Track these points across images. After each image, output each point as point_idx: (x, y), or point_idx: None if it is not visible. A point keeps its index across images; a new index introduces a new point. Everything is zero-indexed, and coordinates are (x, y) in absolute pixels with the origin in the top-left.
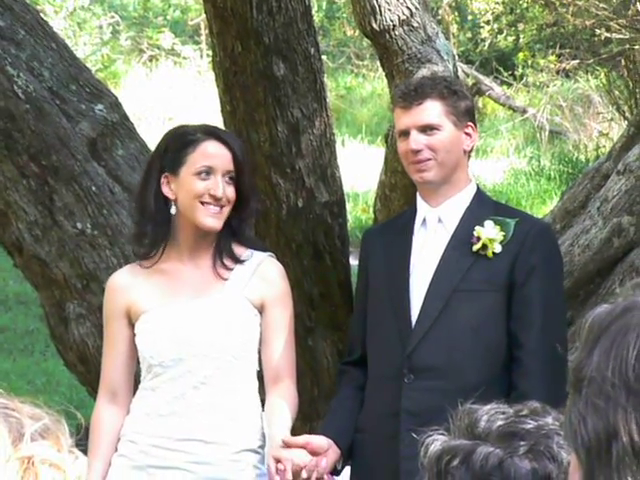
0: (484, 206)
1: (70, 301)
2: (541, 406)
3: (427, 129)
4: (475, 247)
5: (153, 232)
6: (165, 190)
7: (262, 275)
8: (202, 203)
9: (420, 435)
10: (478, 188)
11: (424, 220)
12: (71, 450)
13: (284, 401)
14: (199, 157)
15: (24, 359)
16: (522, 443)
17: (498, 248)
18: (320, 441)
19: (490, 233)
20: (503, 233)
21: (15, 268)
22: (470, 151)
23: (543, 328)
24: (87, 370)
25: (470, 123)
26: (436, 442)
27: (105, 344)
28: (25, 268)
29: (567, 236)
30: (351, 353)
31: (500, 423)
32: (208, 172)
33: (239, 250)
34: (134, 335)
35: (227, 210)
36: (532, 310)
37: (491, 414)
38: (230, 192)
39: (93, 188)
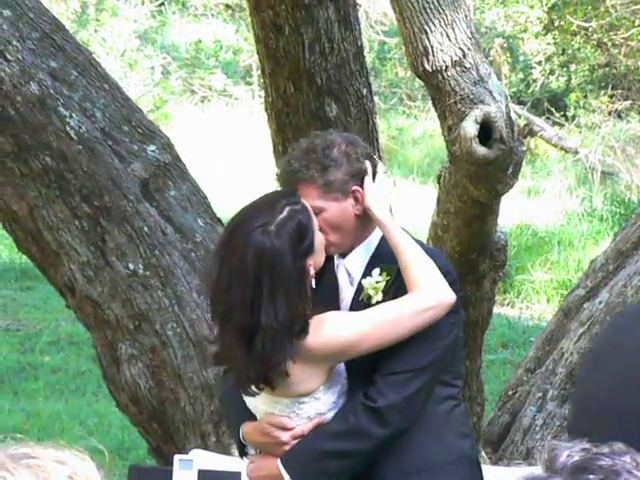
0: (390, 248)
1: (122, 342)
2: (625, 447)
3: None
4: (360, 298)
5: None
6: (311, 272)
7: None
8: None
9: None
10: None
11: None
12: None
13: None
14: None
15: (76, 400)
16: (591, 477)
17: (380, 296)
18: None
19: (373, 282)
20: (388, 278)
21: (67, 309)
22: (364, 211)
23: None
24: (139, 411)
25: (355, 187)
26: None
27: None
28: (77, 309)
29: (620, 277)
30: None
31: (576, 458)
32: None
33: None
34: None
35: None
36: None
37: (572, 450)
38: None
39: (145, 229)
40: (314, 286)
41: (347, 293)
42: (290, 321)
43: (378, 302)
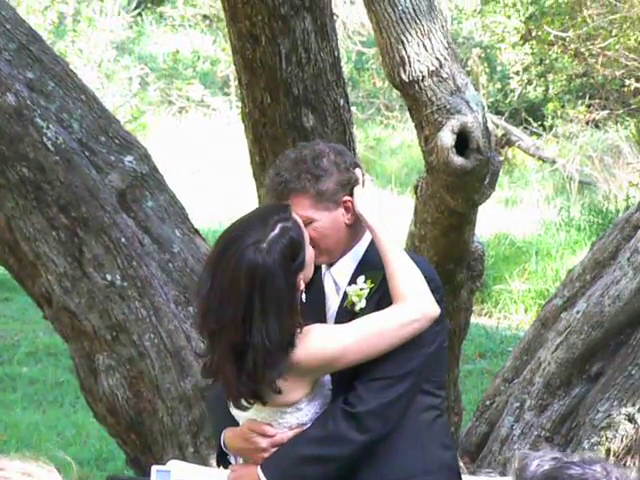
0: (376, 255)
1: (100, 353)
2: (595, 456)
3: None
4: (346, 304)
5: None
6: (301, 287)
7: None
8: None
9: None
10: None
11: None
12: None
13: None
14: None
15: (54, 411)
16: None
17: (363, 303)
18: None
19: (357, 289)
20: (372, 285)
21: (44, 320)
22: (354, 220)
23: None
24: (117, 422)
25: (345, 196)
26: None
27: None
28: (55, 320)
29: (597, 287)
30: None
31: (546, 467)
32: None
33: None
34: None
35: None
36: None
37: (543, 459)
38: None
39: (122, 240)
40: (304, 300)
41: (333, 302)
42: (281, 338)
43: (362, 309)
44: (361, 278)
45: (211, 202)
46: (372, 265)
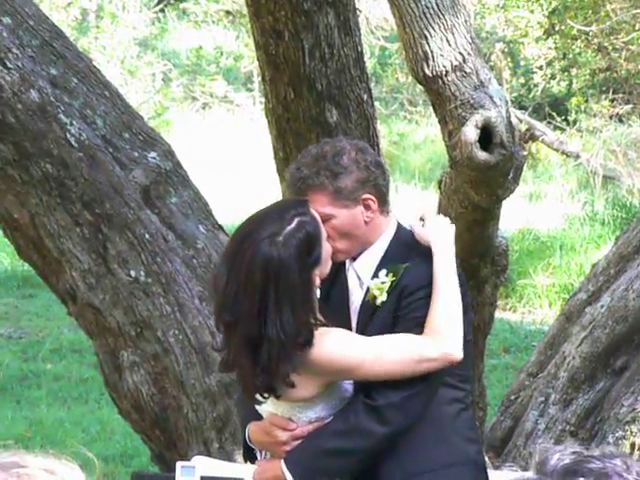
0: (399, 249)
1: (124, 349)
2: (615, 450)
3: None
4: (367, 298)
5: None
6: (317, 282)
7: None
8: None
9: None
10: (398, 228)
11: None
12: None
13: None
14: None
15: (79, 407)
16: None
17: (384, 297)
18: None
19: (378, 283)
20: (393, 279)
21: (69, 316)
22: (372, 217)
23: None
24: (141, 418)
25: (365, 194)
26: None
27: None
28: (79, 316)
29: (621, 281)
30: None
31: (567, 461)
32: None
33: None
34: None
35: None
36: None
37: (563, 453)
38: None
39: (146, 236)
40: (319, 296)
41: (357, 296)
42: (296, 332)
43: (383, 302)
44: (383, 272)
45: (235, 198)
46: (395, 259)
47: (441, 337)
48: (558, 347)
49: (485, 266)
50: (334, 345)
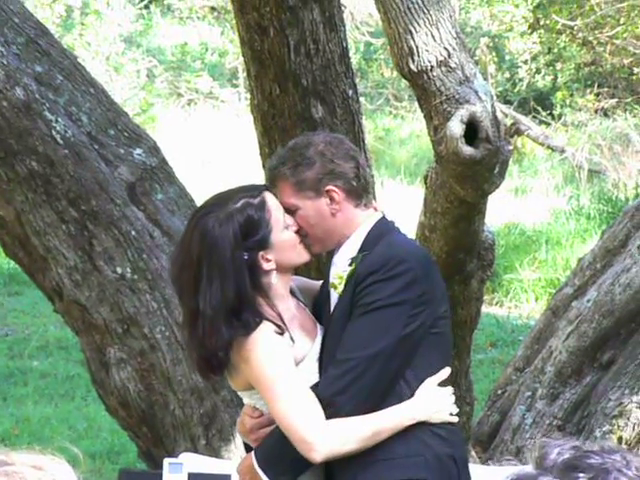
0: (375, 242)
1: (111, 346)
2: (614, 445)
3: (288, 210)
4: (330, 288)
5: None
6: (266, 267)
7: None
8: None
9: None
10: (380, 221)
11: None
12: None
13: None
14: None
15: (65, 404)
16: (581, 475)
17: (342, 287)
18: None
19: (339, 272)
20: (352, 268)
21: (55, 313)
22: (337, 209)
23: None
24: (128, 415)
25: (329, 186)
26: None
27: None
28: (65, 313)
29: (608, 275)
30: None
31: (567, 456)
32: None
33: None
34: None
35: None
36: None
37: (563, 448)
38: None
39: (132, 232)
40: (274, 282)
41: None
42: (224, 308)
43: (342, 292)
44: (347, 261)
45: None
46: (368, 249)
47: (330, 432)
48: (545, 341)
49: (471, 261)
50: (265, 346)
